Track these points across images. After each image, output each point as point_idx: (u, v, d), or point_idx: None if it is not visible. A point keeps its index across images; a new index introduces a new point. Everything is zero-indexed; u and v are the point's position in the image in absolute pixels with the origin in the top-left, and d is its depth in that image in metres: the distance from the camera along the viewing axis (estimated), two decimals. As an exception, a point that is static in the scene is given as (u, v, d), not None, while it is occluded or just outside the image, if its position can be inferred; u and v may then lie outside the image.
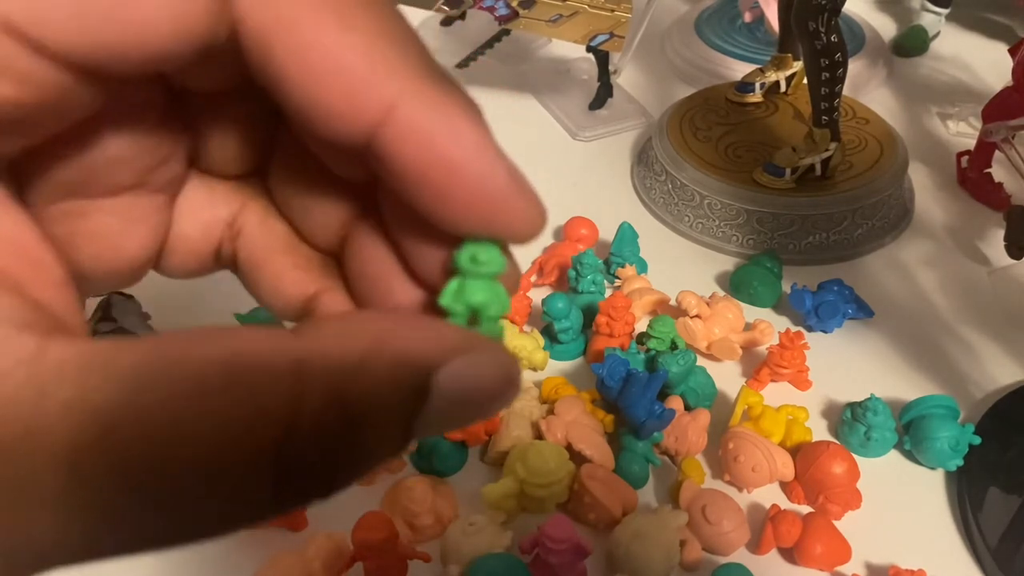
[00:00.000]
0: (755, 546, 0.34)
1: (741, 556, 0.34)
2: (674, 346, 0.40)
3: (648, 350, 0.41)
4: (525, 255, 0.48)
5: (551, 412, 0.37)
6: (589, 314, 0.43)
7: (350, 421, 0.11)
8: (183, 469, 0.10)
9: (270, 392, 0.10)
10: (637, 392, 0.36)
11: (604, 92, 0.59)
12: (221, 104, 0.14)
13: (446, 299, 0.13)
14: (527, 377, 0.41)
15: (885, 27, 0.70)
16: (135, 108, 0.13)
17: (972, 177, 0.53)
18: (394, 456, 0.12)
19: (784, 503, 0.36)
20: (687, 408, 0.39)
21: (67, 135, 0.12)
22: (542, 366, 0.41)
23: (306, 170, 0.15)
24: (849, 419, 0.38)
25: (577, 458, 0.36)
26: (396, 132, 0.12)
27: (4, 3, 0.10)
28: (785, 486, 0.37)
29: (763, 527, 0.34)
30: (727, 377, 0.41)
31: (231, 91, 0.13)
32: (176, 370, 0.10)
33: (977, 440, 0.37)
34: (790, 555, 0.34)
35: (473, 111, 0.13)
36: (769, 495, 0.37)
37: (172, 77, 0.13)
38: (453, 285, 0.13)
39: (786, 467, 0.36)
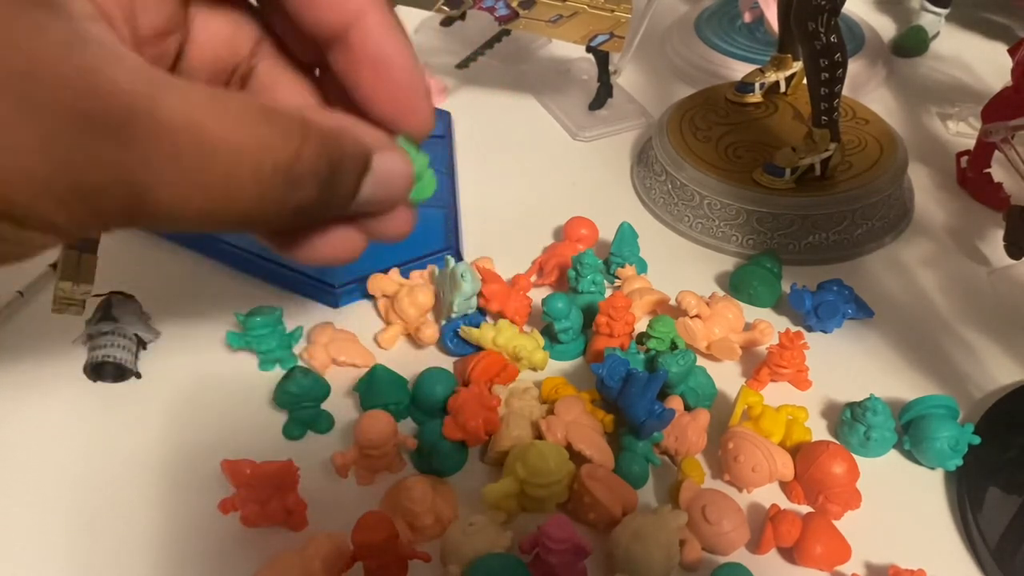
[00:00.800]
0: (755, 546, 0.34)
1: (741, 556, 0.34)
2: (674, 346, 0.40)
3: (648, 350, 0.41)
4: (525, 255, 0.48)
5: (551, 412, 0.37)
6: (589, 314, 0.43)
7: (329, 166, 0.17)
8: (235, 157, 0.15)
9: (290, 129, 0.16)
10: (637, 392, 0.36)
11: (604, 92, 0.59)
12: None
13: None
14: (527, 377, 0.41)
15: (885, 27, 0.70)
16: None
17: (972, 177, 0.53)
18: (347, 206, 0.18)
19: (784, 503, 0.36)
20: (687, 408, 0.39)
21: None
22: (542, 366, 0.41)
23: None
24: (849, 419, 0.38)
25: (577, 458, 0.36)
26: (361, 34, 0.19)
27: None
28: (785, 486, 0.37)
29: (763, 527, 0.34)
30: (727, 377, 0.41)
31: None
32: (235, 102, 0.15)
33: (977, 440, 0.37)
34: (790, 555, 0.34)
35: (404, 32, 0.20)
36: (769, 495, 0.37)
37: None
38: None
39: (786, 467, 0.36)
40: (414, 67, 0.20)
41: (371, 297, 0.45)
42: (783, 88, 0.55)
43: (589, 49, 0.54)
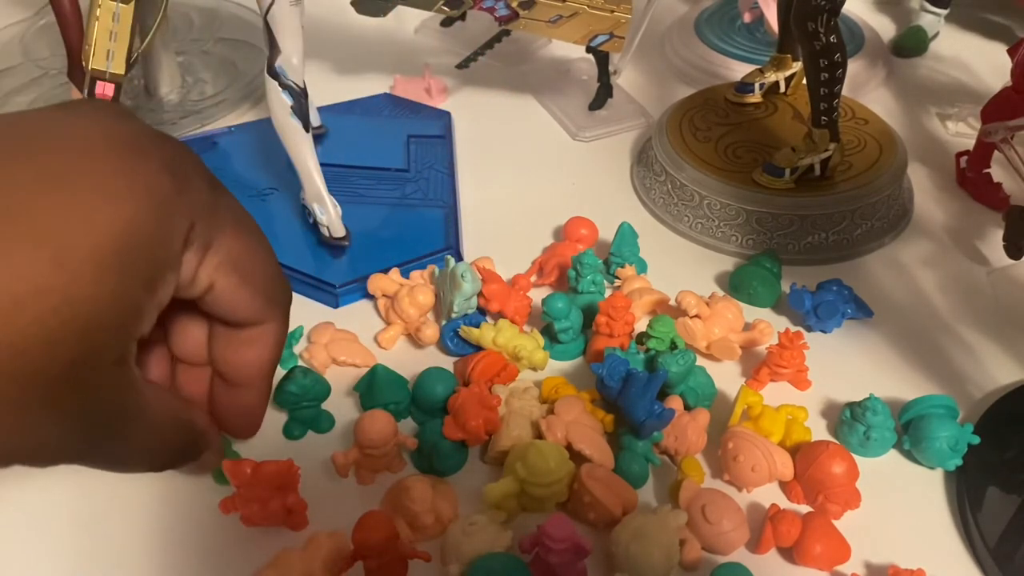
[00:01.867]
0: (755, 546, 0.34)
1: (741, 556, 0.34)
2: (674, 346, 0.40)
3: (648, 350, 0.41)
4: (525, 255, 0.48)
5: (551, 412, 0.38)
6: (589, 314, 0.43)
7: (182, 455, 0.27)
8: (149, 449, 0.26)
9: (182, 432, 0.27)
10: (637, 392, 0.36)
11: (604, 92, 0.59)
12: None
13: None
14: (527, 377, 0.41)
15: (884, 28, 0.70)
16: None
17: (971, 177, 0.53)
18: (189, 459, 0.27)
19: (784, 503, 0.36)
20: (687, 408, 0.39)
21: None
22: (542, 366, 0.41)
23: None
24: (848, 419, 0.38)
25: (577, 458, 0.36)
26: (253, 340, 0.27)
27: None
28: (784, 486, 0.37)
29: (763, 527, 0.34)
30: (727, 377, 0.41)
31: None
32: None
33: (976, 440, 0.37)
34: (789, 555, 0.34)
35: (285, 331, 0.28)
36: (769, 495, 0.37)
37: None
38: None
39: (785, 467, 0.36)
40: (259, 414, 0.30)
41: (371, 297, 0.45)
42: (783, 88, 0.55)
43: (589, 49, 0.54)
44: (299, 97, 0.44)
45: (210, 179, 0.25)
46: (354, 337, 0.43)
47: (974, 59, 0.67)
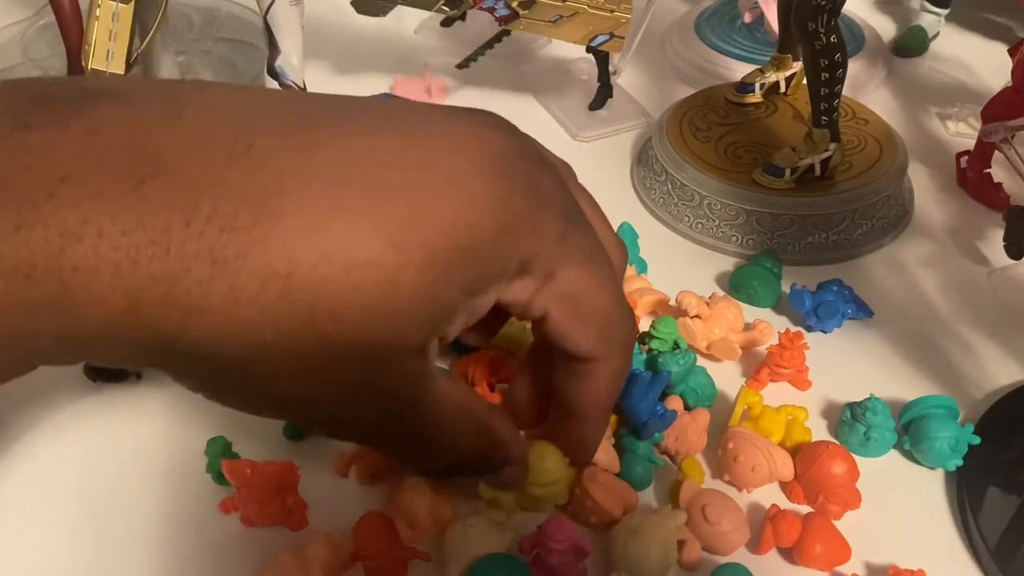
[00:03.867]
0: (755, 546, 0.34)
1: (741, 556, 0.34)
2: (676, 347, 0.40)
3: (650, 350, 0.41)
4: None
5: None
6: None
7: (479, 461, 0.28)
8: (443, 445, 0.26)
9: (482, 435, 0.27)
10: (640, 392, 0.36)
11: (604, 92, 0.59)
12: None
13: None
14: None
15: (885, 27, 0.70)
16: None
17: (971, 177, 0.53)
18: (471, 475, 0.30)
19: (784, 503, 0.36)
20: (686, 408, 0.39)
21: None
22: None
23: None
24: (849, 419, 0.38)
25: None
26: (587, 374, 0.28)
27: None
28: (785, 486, 0.37)
29: (763, 527, 0.34)
30: (727, 377, 0.41)
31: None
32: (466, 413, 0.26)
33: (977, 440, 0.37)
34: (790, 555, 0.34)
35: (624, 369, 0.29)
36: (769, 495, 0.37)
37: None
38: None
39: (786, 467, 0.36)
40: (596, 445, 0.31)
41: (371, 297, 0.45)
42: (783, 88, 0.55)
43: (589, 49, 0.54)
44: (299, 97, 0.44)
45: (567, 209, 0.25)
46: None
47: (975, 59, 0.67)
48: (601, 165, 0.56)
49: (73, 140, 0.18)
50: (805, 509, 0.36)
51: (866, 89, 0.62)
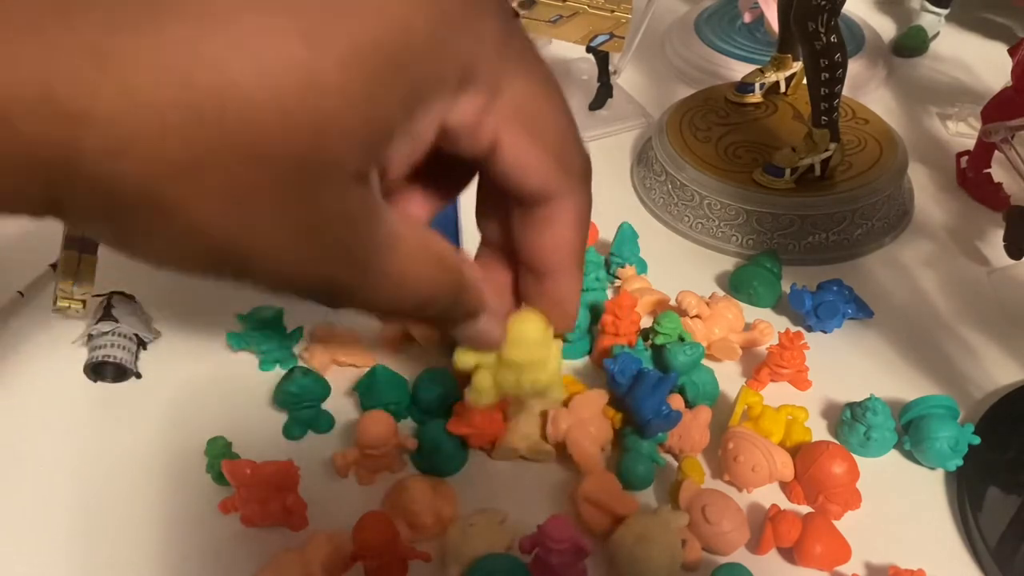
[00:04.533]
0: (755, 546, 0.34)
1: (741, 556, 0.34)
2: (681, 340, 0.41)
3: (653, 344, 0.41)
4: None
5: (566, 405, 0.37)
6: (594, 313, 0.43)
7: (453, 305, 0.23)
8: (413, 288, 0.22)
9: (452, 276, 0.23)
10: (646, 391, 0.36)
11: (604, 92, 0.59)
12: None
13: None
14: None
15: (885, 27, 0.70)
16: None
17: (972, 177, 0.53)
18: (442, 324, 0.25)
19: (784, 503, 0.36)
20: (687, 404, 0.39)
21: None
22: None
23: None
24: (849, 419, 0.38)
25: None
26: (550, 218, 0.24)
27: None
28: (785, 486, 0.37)
29: (763, 527, 0.34)
30: (727, 377, 0.41)
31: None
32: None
33: (976, 440, 0.37)
34: (790, 555, 0.34)
35: (587, 205, 0.25)
36: (769, 495, 0.37)
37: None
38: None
39: (786, 467, 0.36)
40: (575, 303, 0.27)
41: (371, 297, 0.45)
42: (783, 88, 0.55)
43: (589, 49, 0.54)
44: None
45: (506, 11, 0.21)
46: (354, 337, 0.43)
47: (974, 59, 0.67)
48: (601, 165, 0.56)
49: None
50: (805, 509, 0.36)
51: (866, 89, 0.62)
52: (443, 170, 0.24)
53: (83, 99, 0.16)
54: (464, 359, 0.28)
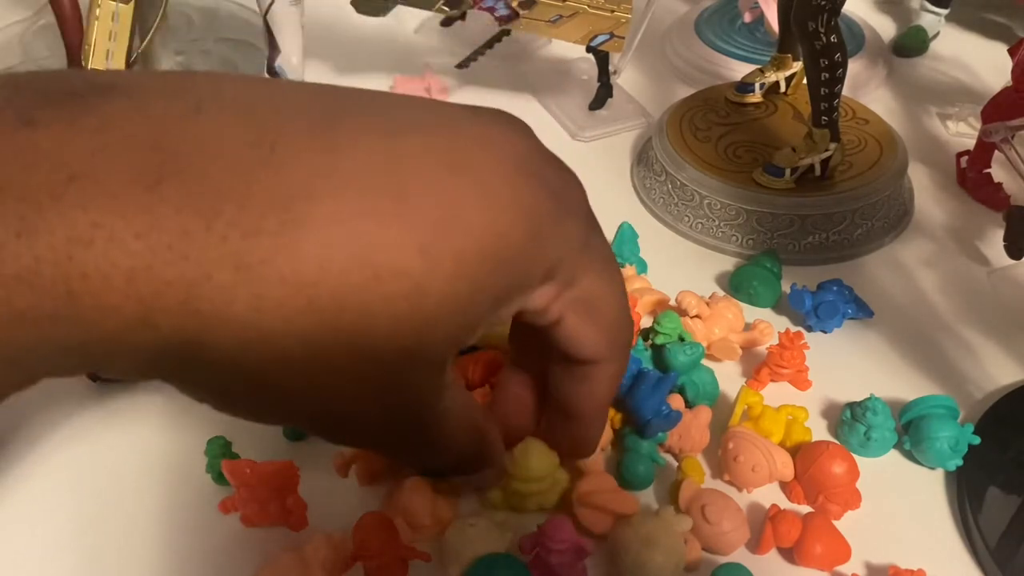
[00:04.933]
0: (755, 546, 0.34)
1: (741, 556, 0.34)
2: (682, 340, 0.41)
3: (653, 344, 0.41)
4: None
5: None
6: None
7: (469, 463, 0.28)
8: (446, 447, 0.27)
9: (475, 438, 0.27)
10: (646, 391, 0.36)
11: (604, 92, 0.59)
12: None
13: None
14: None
15: (885, 27, 0.70)
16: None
17: (972, 177, 0.53)
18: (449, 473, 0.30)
19: (784, 503, 0.36)
20: (687, 404, 0.39)
21: None
22: None
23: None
24: (849, 419, 0.38)
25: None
26: (589, 376, 0.28)
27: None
28: (785, 486, 0.37)
29: (763, 527, 0.34)
30: (727, 377, 0.41)
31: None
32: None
33: (977, 440, 0.37)
34: (789, 555, 0.34)
35: (624, 367, 0.29)
36: (769, 495, 0.37)
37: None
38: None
39: (786, 467, 0.36)
40: (595, 442, 0.30)
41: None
42: (783, 88, 0.55)
43: (589, 49, 0.54)
44: (299, 97, 0.44)
45: (588, 214, 0.24)
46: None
47: (975, 59, 0.67)
48: (601, 165, 0.56)
49: (82, 137, 0.17)
50: (805, 509, 0.36)
51: (866, 89, 0.62)
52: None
53: (219, 306, 0.17)
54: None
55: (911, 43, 0.67)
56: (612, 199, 0.53)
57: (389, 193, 0.19)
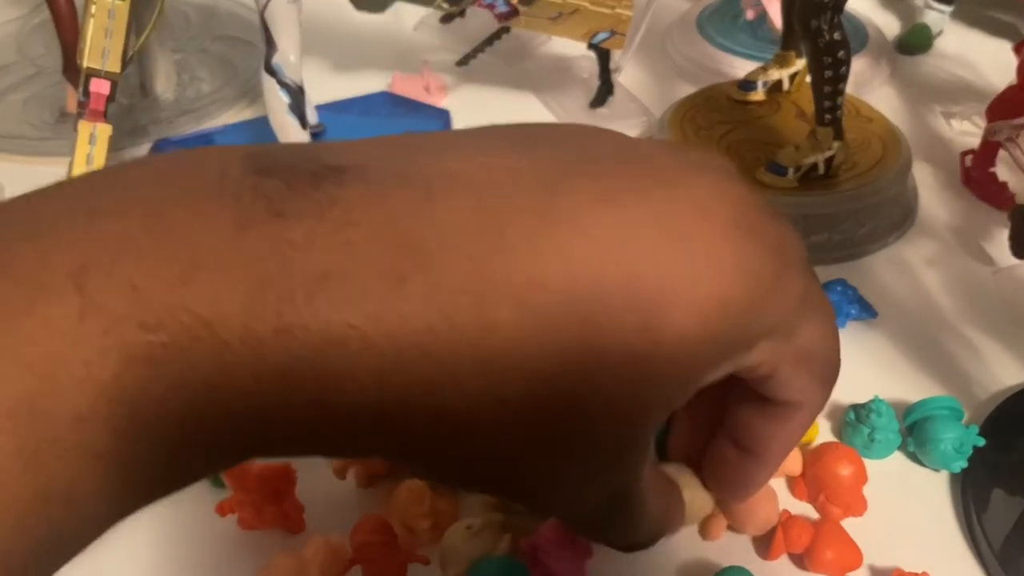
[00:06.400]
0: (765, 551, 0.34)
1: (748, 560, 0.34)
2: None
3: None
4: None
5: None
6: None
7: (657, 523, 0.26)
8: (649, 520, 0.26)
9: (668, 505, 0.26)
10: None
11: (605, 90, 0.59)
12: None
13: None
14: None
15: (889, 25, 0.69)
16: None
17: (976, 176, 0.53)
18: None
19: (792, 504, 0.36)
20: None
21: None
22: None
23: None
24: (852, 421, 0.38)
25: None
26: (786, 416, 0.25)
27: None
28: (791, 481, 0.36)
29: (773, 532, 0.34)
30: (729, 378, 0.41)
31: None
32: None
33: (981, 442, 0.36)
34: (795, 558, 0.34)
35: (822, 407, 0.26)
36: (781, 501, 0.36)
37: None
38: None
39: (794, 461, 0.36)
40: (776, 467, 0.27)
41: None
42: (786, 86, 0.55)
43: (590, 47, 0.54)
44: (296, 95, 0.44)
45: (806, 264, 0.23)
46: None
47: (979, 57, 0.66)
48: (602, 163, 0.56)
49: (332, 233, 0.17)
50: (810, 509, 0.36)
51: (870, 87, 0.62)
52: None
53: (456, 399, 0.18)
54: None
55: (915, 41, 0.67)
56: (613, 198, 0.53)
57: (622, 272, 0.19)
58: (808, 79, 0.47)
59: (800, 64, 0.54)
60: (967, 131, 0.58)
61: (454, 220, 0.18)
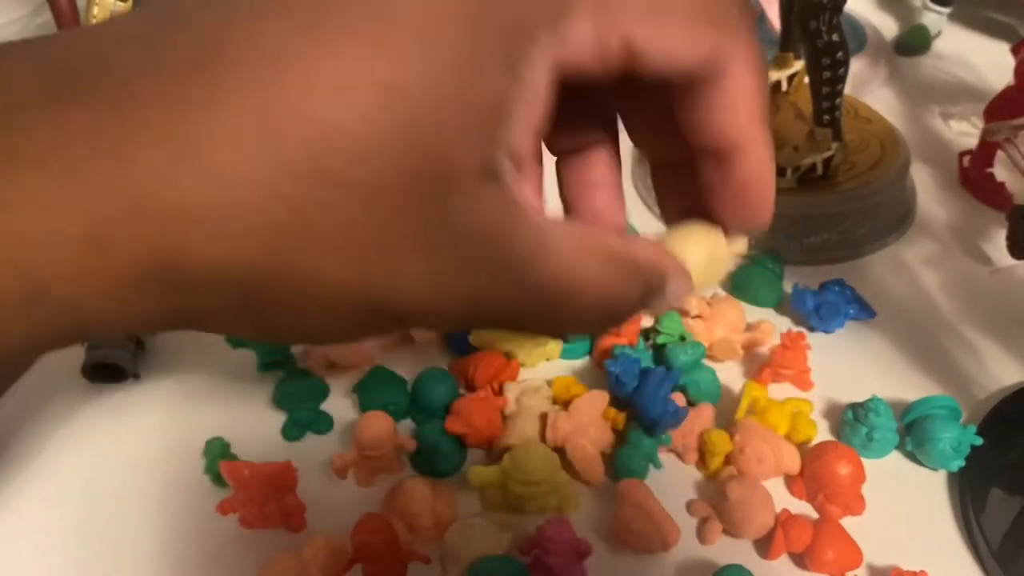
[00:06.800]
0: (765, 551, 0.34)
1: (747, 559, 0.34)
2: (683, 339, 0.40)
3: (654, 344, 0.41)
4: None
5: (566, 409, 0.37)
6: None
7: (641, 300, 0.20)
8: (585, 300, 0.19)
9: (626, 273, 0.19)
10: (652, 388, 0.36)
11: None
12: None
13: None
14: (539, 376, 0.41)
15: (887, 26, 0.69)
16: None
17: (974, 177, 0.53)
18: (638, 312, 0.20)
19: (791, 503, 0.36)
20: (689, 403, 0.39)
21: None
22: (555, 355, 0.41)
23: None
24: (851, 420, 0.38)
25: (571, 468, 0.36)
26: (714, 83, 0.19)
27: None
28: (790, 480, 0.37)
29: (773, 531, 0.34)
30: (729, 377, 0.41)
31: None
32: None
33: (979, 441, 0.36)
34: (795, 557, 0.34)
35: (758, 56, 0.20)
36: (780, 500, 0.36)
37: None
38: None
39: (792, 460, 0.36)
40: (771, 181, 0.21)
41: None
42: (785, 87, 0.55)
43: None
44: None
45: None
46: (353, 337, 0.42)
47: (977, 58, 0.66)
48: (602, 164, 0.56)
49: None
50: (809, 508, 0.36)
51: (868, 88, 0.62)
52: (575, 124, 0.21)
53: (172, 201, 0.15)
54: (478, 479, 0.34)
55: (913, 42, 0.67)
56: (613, 198, 0.53)
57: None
58: (807, 80, 0.47)
59: (799, 65, 0.54)
60: (965, 132, 0.58)
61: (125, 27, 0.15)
